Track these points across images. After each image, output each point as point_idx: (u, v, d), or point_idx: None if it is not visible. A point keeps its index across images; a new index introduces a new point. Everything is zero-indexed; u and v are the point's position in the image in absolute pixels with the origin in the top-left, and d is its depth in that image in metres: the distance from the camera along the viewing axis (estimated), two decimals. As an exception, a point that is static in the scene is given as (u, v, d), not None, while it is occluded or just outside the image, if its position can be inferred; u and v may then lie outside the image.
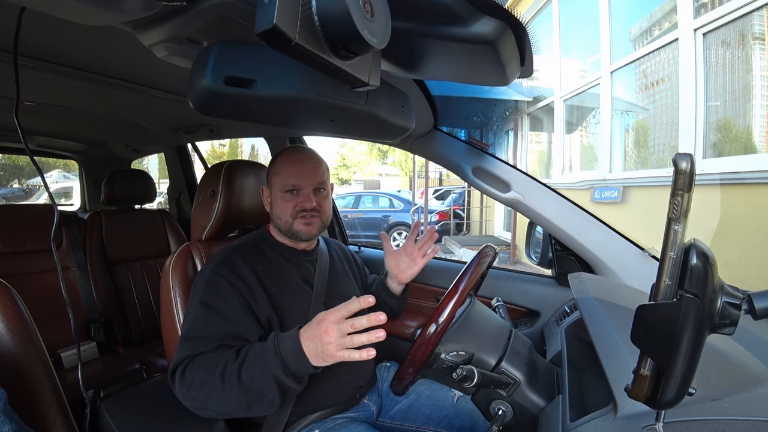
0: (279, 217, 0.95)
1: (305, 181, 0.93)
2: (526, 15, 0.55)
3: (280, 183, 0.94)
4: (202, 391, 0.74)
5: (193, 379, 0.75)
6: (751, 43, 3.09)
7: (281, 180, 0.94)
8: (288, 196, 0.93)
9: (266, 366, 0.71)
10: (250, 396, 0.72)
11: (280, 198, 0.94)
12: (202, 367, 0.75)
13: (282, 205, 0.94)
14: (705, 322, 0.38)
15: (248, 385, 0.72)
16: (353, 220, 8.62)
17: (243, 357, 0.74)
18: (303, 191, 0.94)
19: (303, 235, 0.94)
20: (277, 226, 0.97)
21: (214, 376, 0.73)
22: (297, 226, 0.94)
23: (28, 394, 0.66)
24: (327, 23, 0.36)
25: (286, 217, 0.94)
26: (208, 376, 0.74)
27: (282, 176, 0.94)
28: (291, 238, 0.97)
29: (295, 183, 0.93)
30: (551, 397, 0.80)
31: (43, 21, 0.63)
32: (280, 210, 0.94)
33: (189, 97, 0.51)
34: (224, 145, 19.82)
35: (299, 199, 0.93)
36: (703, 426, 0.47)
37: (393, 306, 1.14)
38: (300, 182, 0.93)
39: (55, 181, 9.26)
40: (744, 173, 2.91)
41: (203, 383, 0.74)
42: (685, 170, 0.35)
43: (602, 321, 0.72)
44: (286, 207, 0.93)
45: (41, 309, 0.99)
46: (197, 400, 0.75)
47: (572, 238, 1.09)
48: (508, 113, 7.01)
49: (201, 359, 0.77)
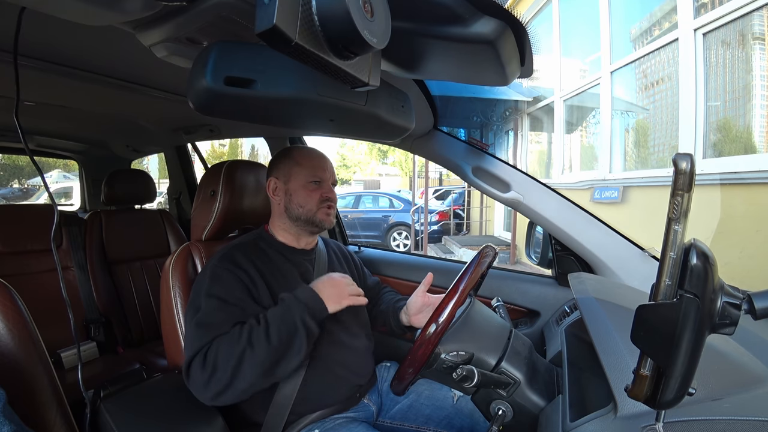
0: (301, 206, 0.98)
1: (327, 174, 1.02)
2: (526, 15, 0.55)
3: (305, 174, 0.99)
4: (229, 366, 0.76)
5: (217, 359, 0.77)
6: (751, 43, 3.09)
7: (307, 171, 0.99)
8: (312, 186, 0.99)
9: (292, 315, 0.80)
10: (279, 351, 0.78)
11: (304, 188, 0.99)
12: (223, 346, 0.78)
13: (306, 194, 0.98)
14: (705, 322, 0.38)
15: (277, 339, 0.78)
16: (353, 220, 8.62)
17: (265, 320, 0.81)
18: (325, 183, 1.01)
19: (324, 223, 1.00)
20: (295, 215, 0.99)
21: (241, 345, 0.77)
22: (320, 215, 0.99)
23: (28, 394, 0.66)
24: (327, 23, 0.36)
25: (310, 205, 0.98)
26: (235, 347, 0.77)
27: (308, 168, 1.00)
28: (308, 228, 1.00)
29: (321, 175, 1.00)
30: (551, 397, 0.80)
31: (43, 21, 0.63)
32: (304, 199, 0.98)
33: (189, 97, 0.51)
34: (224, 145, 19.80)
35: (323, 189, 1.00)
36: (703, 426, 0.47)
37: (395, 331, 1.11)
38: (324, 175, 1.01)
39: (55, 181, 9.27)
40: (744, 173, 2.91)
41: (230, 357, 0.77)
42: (685, 170, 0.35)
43: (602, 321, 0.72)
44: (312, 196, 0.98)
45: (41, 309, 0.99)
46: (222, 381, 0.76)
47: (572, 238, 1.09)
48: (508, 113, 7.01)
49: (219, 341, 0.79)
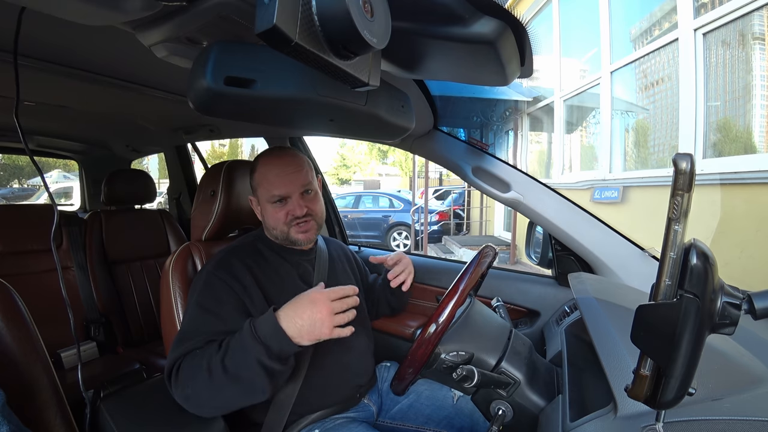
0: (273, 227, 0.93)
1: (290, 188, 0.90)
2: (526, 15, 0.55)
3: (265, 194, 0.91)
4: (194, 388, 0.73)
5: (184, 378, 0.75)
6: (751, 43, 3.09)
7: (266, 191, 0.91)
8: (277, 206, 0.91)
9: (248, 353, 0.70)
10: (238, 385, 0.72)
11: (270, 208, 0.92)
12: (190, 364, 0.75)
13: (273, 215, 0.92)
14: (705, 322, 0.38)
15: (235, 375, 0.71)
16: (353, 220, 8.62)
17: (225, 348, 0.73)
18: (291, 198, 0.91)
19: (302, 242, 0.94)
20: (273, 236, 0.96)
21: (202, 372, 0.72)
22: (294, 234, 0.93)
23: (27, 394, 0.66)
24: (327, 23, 0.36)
25: (281, 227, 0.92)
26: (197, 371, 0.73)
27: (266, 187, 0.91)
28: (290, 245, 0.97)
29: (281, 192, 0.90)
30: (551, 397, 0.80)
31: (43, 21, 0.62)
32: (273, 220, 0.92)
33: (189, 97, 0.51)
34: (224, 145, 19.80)
35: (289, 207, 0.91)
36: (703, 426, 0.47)
37: (393, 304, 1.15)
38: (285, 190, 0.90)
39: (55, 181, 9.27)
40: (744, 173, 2.91)
41: (194, 380, 0.73)
42: (685, 170, 0.35)
43: (602, 321, 0.72)
44: (278, 217, 0.91)
45: (41, 309, 0.99)
46: (192, 399, 0.75)
47: (572, 238, 1.09)
48: (508, 113, 7.01)
49: (190, 357, 0.76)
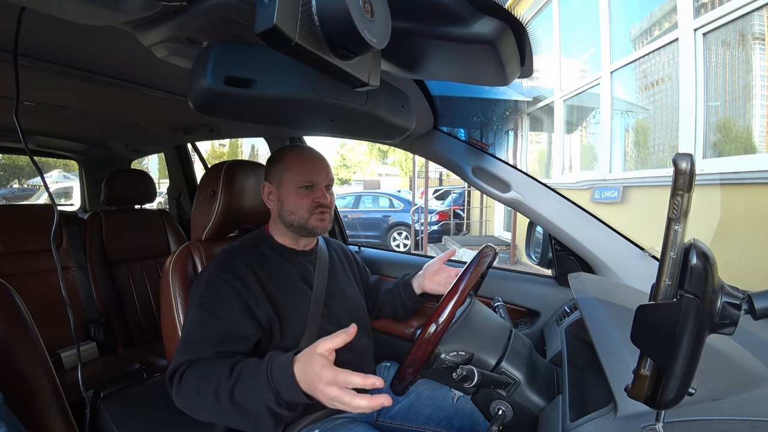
0: (293, 213, 0.94)
1: (320, 177, 0.95)
2: (526, 15, 0.55)
3: (295, 179, 0.94)
4: (197, 402, 0.74)
5: (188, 390, 0.75)
6: (751, 43, 3.09)
7: (297, 176, 0.94)
8: (303, 191, 0.94)
9: (259, 394, 0.68)
10: (243, 416, 0.71)
11: (295, 194, 0.94)
12: (197, 378, 0.75)
13: (297, 200, 0.94)
14: (705, 322, 0.38)
15: (241, 406, 0.70)
16: (353, 220, 8.62)
17: (237, 376, 0.72)
18: (317, 187, 0.95)
19: (318, 230, 0.96)
20: (288, 222, 0.96)
21: (209, 392, 0.72)
22: (313, 221, 0.95)
23: (27, 394, 0.66)
24: (327, 23, 0.36)
25: (302, 212, 0.94)
26: (204, 389, 0.73)
27: (297, 172, 0.94)
28: (303, 234, 0.97)
29: (312, 179, 0.94)
30: (551, 397, 0.80)
31: (43, 21, 0.62)
32: (295, 205, 0.94)
33: (189, 97, 0.51)
34: (224, 145, 19.79)
35: (315, 194, 0.94)
36: (703, 426, 0.47)
37: (408, 307, 1.14)
38: (316, 178, 0.95)
39: (55, 181, 9.27)
40: (744, 173, 2.91)
41: (198, 395, 0.73)
42: (685, 170, 0.35)
43: (602, 321, 0.72)
44: (302, 203, 0.94)
45: (41, 309, 0.99)
46: (192, 410, 0.75)
47: (572, 238, 1.09)
48: (508, 113, 7.01)
49: (197, 368, 0.76)
